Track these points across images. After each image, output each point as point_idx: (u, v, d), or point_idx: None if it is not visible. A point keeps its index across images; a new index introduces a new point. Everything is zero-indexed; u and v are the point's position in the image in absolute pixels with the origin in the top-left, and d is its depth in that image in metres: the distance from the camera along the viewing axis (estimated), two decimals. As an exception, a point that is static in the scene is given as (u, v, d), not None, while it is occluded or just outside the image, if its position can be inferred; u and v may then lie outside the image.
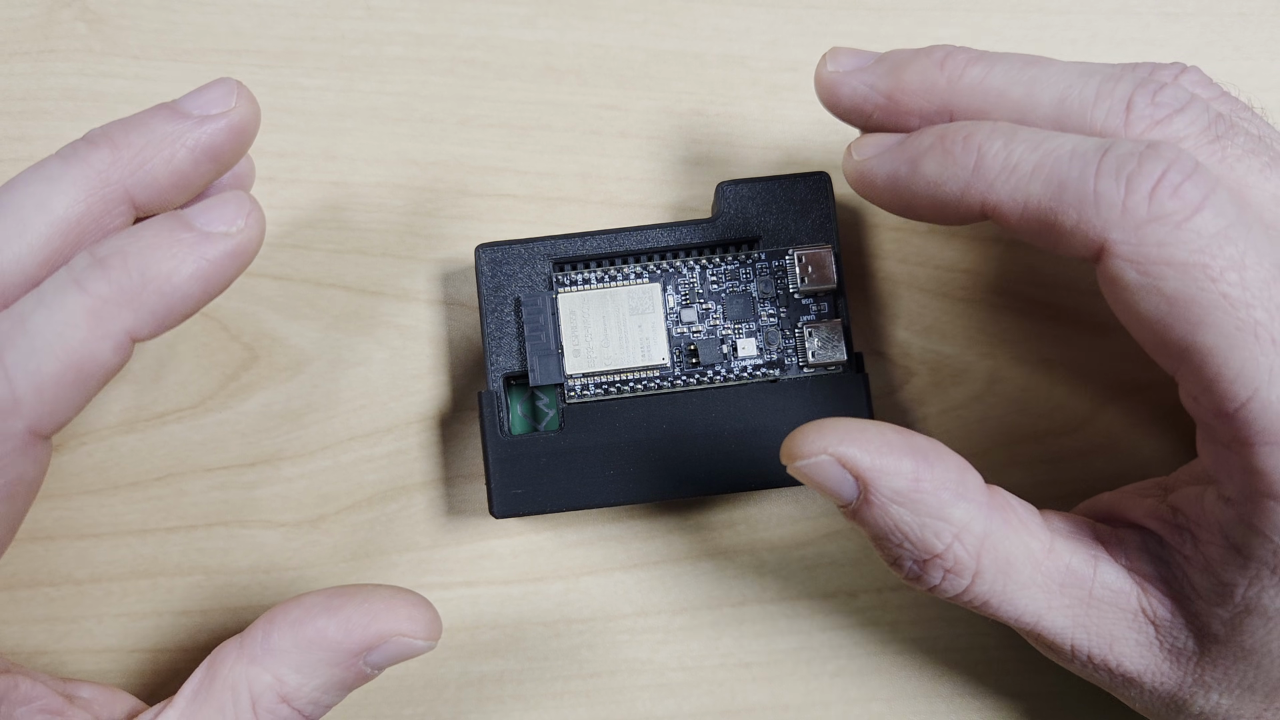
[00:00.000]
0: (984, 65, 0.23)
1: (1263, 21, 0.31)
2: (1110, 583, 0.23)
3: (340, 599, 0.23)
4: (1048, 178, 0.21)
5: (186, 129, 0.23)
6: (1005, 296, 0.29)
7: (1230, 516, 0.21)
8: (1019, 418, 0.29)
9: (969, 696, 0.28)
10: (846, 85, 0.24)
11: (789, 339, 0.27)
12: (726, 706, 0.28)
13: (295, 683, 0.23)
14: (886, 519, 0.22)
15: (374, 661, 0.23)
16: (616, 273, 0.27)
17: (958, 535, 0.22)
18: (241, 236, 0.23)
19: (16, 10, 0.30)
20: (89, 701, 0.24)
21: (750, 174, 0.30)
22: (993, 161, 0.22)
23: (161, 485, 0.28)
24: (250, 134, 0.24)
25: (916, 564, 0.22)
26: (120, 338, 0.22)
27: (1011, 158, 0.22)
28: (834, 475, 0.22)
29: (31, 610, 0.28)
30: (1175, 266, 0.20)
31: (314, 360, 0.29)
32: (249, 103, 0.23)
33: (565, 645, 0.28)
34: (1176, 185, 0.20)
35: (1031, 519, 0.23)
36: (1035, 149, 0.22)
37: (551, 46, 0.30)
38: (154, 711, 0.23)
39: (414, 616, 0.23)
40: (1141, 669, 0.23)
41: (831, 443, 0.22)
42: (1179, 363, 0.21)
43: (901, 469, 0.22)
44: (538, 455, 0.26)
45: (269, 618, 0.23)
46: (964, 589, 0.22)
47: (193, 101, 0.23)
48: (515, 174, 0.30)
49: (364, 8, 0.30)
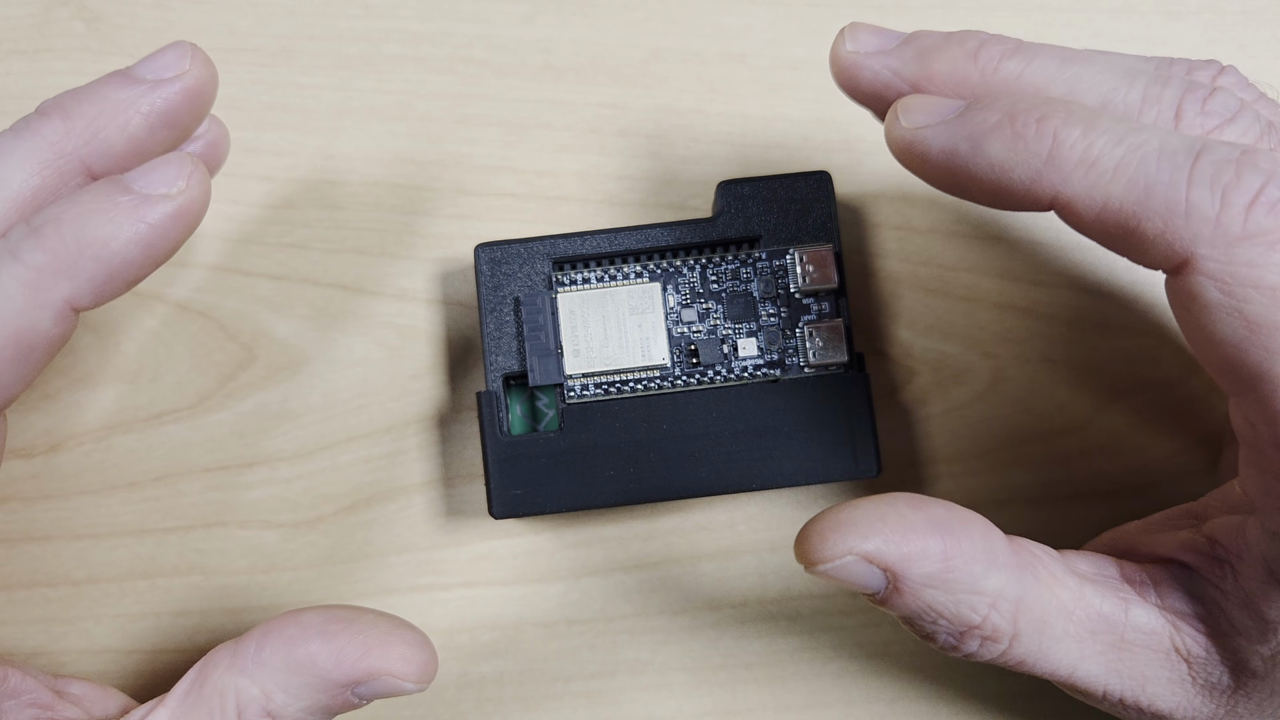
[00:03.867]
0: (1021, 59, 0.22)
1: (1265, 20, 0.30)
2: (1142, 625, 0.22)
3: (338, 624, 0.23)
4: (1133, 178, 0.19)
5: (140, 94, 0.22)
6: (1007, 296, 0.29)
7: (1277, 552, 0.20)
8: (1021, 417, 0.29)
9: (971, 697, 0.28)
10: (868, 68, 0.23)
11: (790, 339, 0.27)
12: (728, 707, 0.28)
13: (281, 701, 0.22)
14: (919, 603, 0.21)
15: (362, 694, 0.23)
16: (616, 272, 0.27)
17: (993, 604, 0.21)
18: (183, 198, 0.22)
19: (13, 9, 0.30)
20: (80, 698, 0.24)
21: (751, 173, 0.29)
22: (1070, 152, 0.20)
23: (159, 486, 0.28)
24: (207, 98, 0.23)
25: (953, 636, 0.22)
26: (60, 308, 0.21)
27: (1092, 150, 0.20)
28: (861, 573, 0.21)
29: (29, 611, 0.28)
30: (1263, 290, 0.19)
31: (312, 360, 0.29)
32: (204, 65, 0.23)
33: (565, 646, 0.28)
34: (1275, 202, 0.19)
35: (1057, 568, 0.22)
36: (1119, 142, 0.20)
37: (550, 44, 0.30)
38: (145, 709, 0.23)
39: (407, 657, 0.23)
40: (1174, 706, 0.22)
41: (855, 542, 0.21)
42: (1246, 388, 0.20)
43: (930, 552, 0.21)
44: (537, 456, 0.26)
45: (265, 630, 0.23)
46: (1001, 653, 0.22)
47: (146, 67, 0.23)
48: (514, 173, 0.30)
49: (361, 6, 0.30)
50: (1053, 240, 0.29)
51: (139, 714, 0.23)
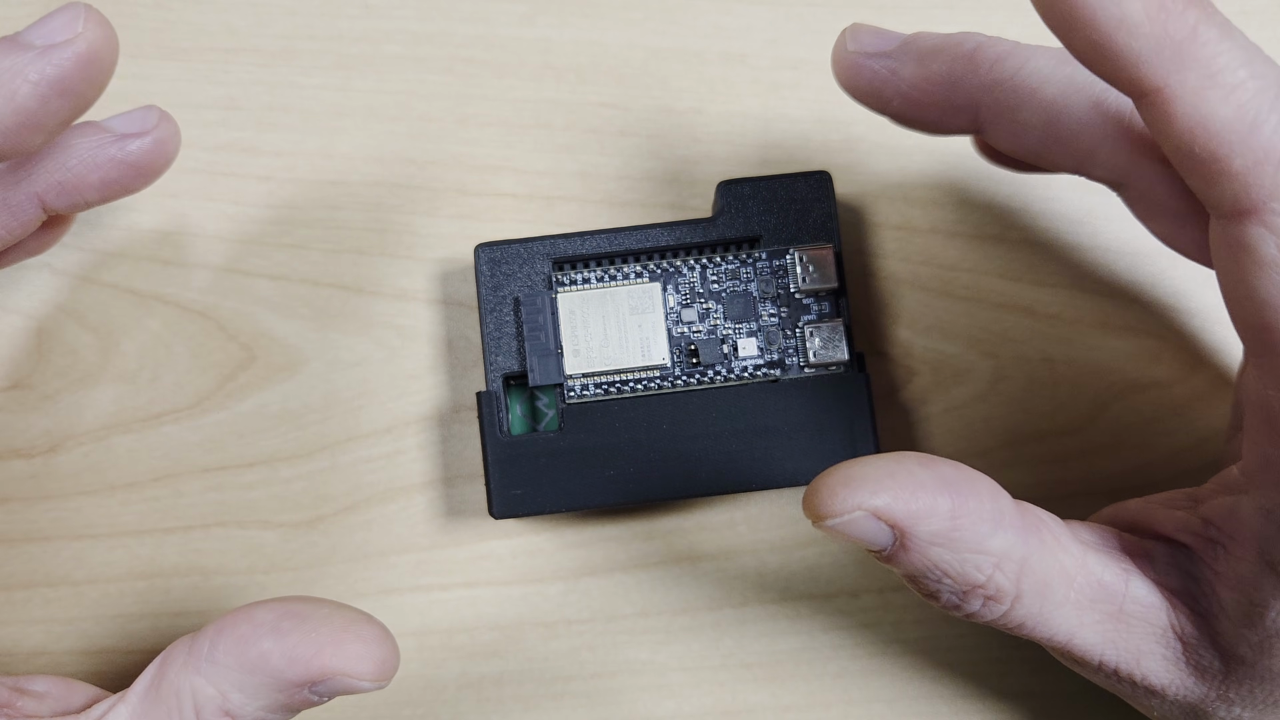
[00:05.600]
0: (1018, 59, 0.22)
1: (1265, 20, 0.30)
2: (1141, 598, 0.22)
3: (290, 620, 0.22)
4: (1244, 107, 0.18)
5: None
6: (1007, 296, 0.29)
7: (1270, 531, 0.20)
8: (1022, 417, 0.29)
9: (971, 698, 0.28)
10: (867, 68, 0.23)
11: (790, 339, 0.27)
12: (728, 707, 0.28)
13: (238, 701, 0.22)
14: (925, 560, 0.21)
15: (319, 692, 0.22)
16: (616, 272, 0.27)
17: (998, 564, 0.21)
18: (83, 41, 0.21)
19: (12, 9, 0.30)
20: (44, 695, 0.24)
21: (751, 173, 0.29)
22: (1200, 50, 0.19)
23: (158, 486, 0.28)
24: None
25: (956, 595, 0.22)
26: None
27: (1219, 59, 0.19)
28: (869, 529, 0.21)
29: (28, 611, 0.28)
30: None
31: (311, 360, 0.29)
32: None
33: (565, 646, 0.28)
34: None
35: (1063, 534, 0.22)
36: (1245, 64, 0.19)
37: (550, 44, 0.30)
38: (109, 703, 0.23)
39: (362, 655, 0.21)
40: (1167, 683, 0.22)
41: (864, 497, 0.21)
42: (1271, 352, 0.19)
43: (938, 509, 0.21)
44: (537, 456, 0.26)
45: (218, 628, 0.22)
46: (1003, 614, 0.22)
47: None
48: (514, 173, 0.30)
49: (361, 6, 0.30)
50: (1053, 240, 0.29)
51: (100, 709, 0.23)
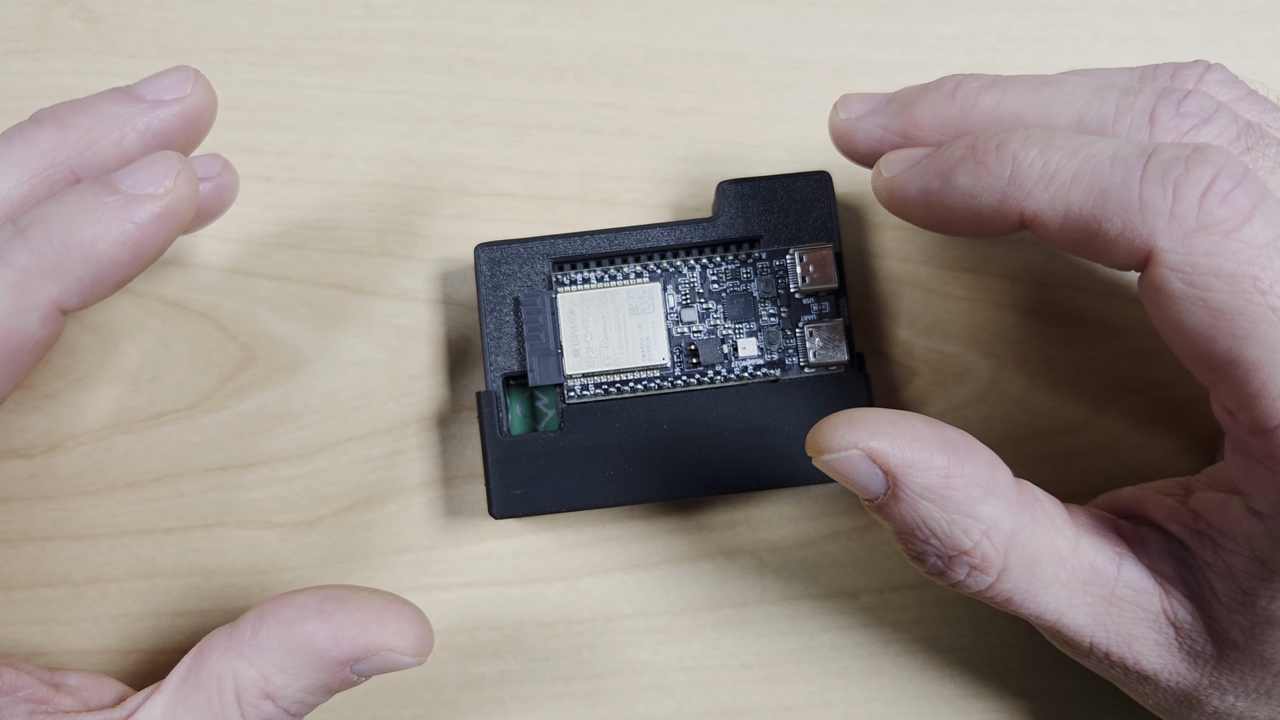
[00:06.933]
0: (996, 92, 0.23)
1: (1265, 20, 0.30)
2: (1134, 582, 0.22)
3: (333, 603, 0.23)
4: (1089, 185, 0.20)
5: (137, 113, 0.22)
6: (1007, 295, 0.29)
7: (1259, 530, 0.21)
8: (1022, 417, 0.29)
9: (971, 697, 0.28)
10: (861, 130, 0.24)
11: (790, 339, 0.27)
12: (728, 708, 0.28)
13: (280, 682, 0.23)
14: (914, 515, 0.22)
15: (361, 670, 0.23)
16: (616, 272, 0.27)
17: (986, 532, 0.22)
18: (170, 198, 0.22)
19: (13, 9, 0.30)
20: (77, 689, 0.24)
21: (751, 173, 0.29)
22: (1029, 170, 0.21)
23: (158, 486, 0.28)
24: (204, 123, 0.23)
25: (941, 559, 0.22)
26: (47, 309, 0.21)
27: (1049, 165, 0.21)
28: (863, 470, 0.21)
29: (28, 611, 0.28)
30: (1223, 278, 0.19)
31: (311, 360, 0.29)
32: (204, 91, 0.23)
33: (565, 646, 0.28)
34: (1226, 192, 0.19)
35: (1058, 514, 0.23)
36: (1074, 155, 0.21)
37: (550, 44, 0.30)
38: (142, 696, 0.23)
39: (404, 631, 0.23)
40: (1159, 668, 0.23)
41: (862, 437, 0.21)
42: (1219, 376, 0.20)
43: (933, 464, 0.21)
44: (537, 456, 0.26)
45: (259, 613, 0.23)
46: (988, 585, 0.22)
47: (147, 86, 0.23)
48: (514, 173, 0.30)
49: (361, 6, 0.30)
50: (1053, 240, 0.29)
51: (135, 701, 0.23)
